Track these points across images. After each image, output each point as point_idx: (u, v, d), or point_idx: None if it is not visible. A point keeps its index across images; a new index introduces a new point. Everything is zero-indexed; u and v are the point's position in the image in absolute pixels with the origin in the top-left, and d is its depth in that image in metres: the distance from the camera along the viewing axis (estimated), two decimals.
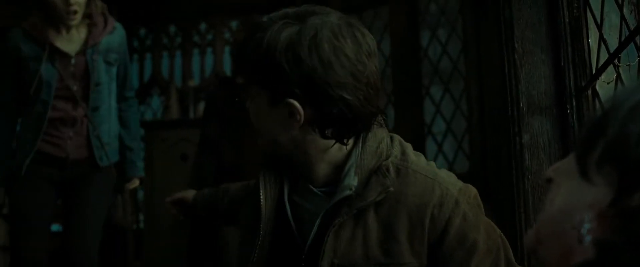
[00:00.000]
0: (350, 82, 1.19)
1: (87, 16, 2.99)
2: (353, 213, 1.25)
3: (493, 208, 2.86)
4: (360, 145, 1.30)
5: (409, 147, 1.35)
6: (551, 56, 2.09)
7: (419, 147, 4.39)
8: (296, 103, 1.21)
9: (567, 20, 2.05)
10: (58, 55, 2.94)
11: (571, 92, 2.04)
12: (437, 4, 4.40)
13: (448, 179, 1.30)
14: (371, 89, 1.23)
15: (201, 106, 5.35)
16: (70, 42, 2.99)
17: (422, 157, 1.35)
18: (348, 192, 1.25)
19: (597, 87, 1.94)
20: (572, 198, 0.74)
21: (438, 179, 1.28)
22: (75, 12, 2.90)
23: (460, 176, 1.36)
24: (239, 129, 3.66)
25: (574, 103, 2.03)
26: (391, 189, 1.25)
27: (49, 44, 2.92)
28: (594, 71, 1.96)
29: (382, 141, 1.31)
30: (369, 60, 1.22)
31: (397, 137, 1.37)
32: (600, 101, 1.91)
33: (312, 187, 1.34)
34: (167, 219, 4.79)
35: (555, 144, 2.07)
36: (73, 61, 2.97)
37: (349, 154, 1.30)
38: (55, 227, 3.99)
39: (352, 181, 1.26)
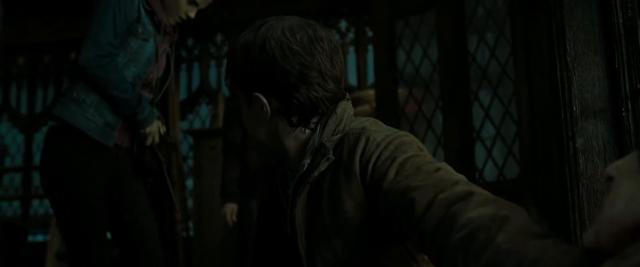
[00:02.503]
0: (297, 72, 1.35)
1: None
2: (307, 188, 1.40)
3: (545, 214, 2.80)
4: (319, 127, 1.43)
5: (373, 123, 1.44)
6: (605, 58, 2.04)
7: (468, 152, 4.35)
8: (261, 96, 1.40)
9: (621, 21, 2.00)
10: (167, 36, 2.82)
11: (626, 94, 1.98)
12: (485, 7, 4.34)
13: (377, 129, 1.38)
14: (325, 77, 1.38)
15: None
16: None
17: (380, 126, 1.43)
18: (302, 170, 1.40)
19: None
20: (634, 200, 0.72)
21: (365, 132, 1.37)
22: (184, 20, 2.83)
23: (510, 182, 1.34)
24: None
25: (630, 106, 1.98)
26: (331, 157, 1.37)
27: (165, 24, 2.77)
28: None
29: (341, 122, 1.42)
30: (319, 53, 1.37)
31: (367, 118, 1.46)
32: None
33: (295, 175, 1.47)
34: (216, 226, 4.84)
35: (610, 148, 2.02)
36: (166, 47, 2.87)
37: (312, 136, 1.44)
38: None
39: (306, 159, 1.40)
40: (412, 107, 4.66)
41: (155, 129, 2.78)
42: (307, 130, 1.44)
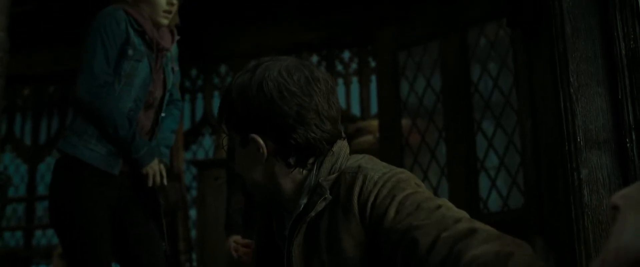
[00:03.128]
0: (295, 113, 1.35)
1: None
2: (304, 228, 1.38)
3: (550, 245, 2.78)
4: (316, 167, 1.42)
5: (369, 160, 1.43)
6: (608, 89, 2.04)
7: (472, 182, 4.34)
8: (258, 137, 1.39)
9: (623, 52, 2.01)
10: (157, 54, 2.73)
11: (630, 125, 1.99)
12: (487, 38, 4.37)
13: (373, 167, 1.37)
14: (322, 118, 1.38)
15: None
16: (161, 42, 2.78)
17: (376, 163, 1.42)
18: (298, 210, 1.39)
19: None
20: (639, 235, 0.72)
21: (361, 170, 1.36)
22: (171, 12, 2.74)
23: (514, 212, 1.34)
24: None
25: (634, 136, 1.98)
26: (328, 196, 1.36)
27: (157, 42, 2.70)
28: None
29: (337, 161, 1.41)
30: (316, 93, 1.38)
31: (362, 156, 1.45)
32: None
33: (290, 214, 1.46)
34: (220, 256, 4.81)
35: (615, 179, 2.01)
36: (159, 64, 2.76)
37: (308, 176, 1.44)
38: None
39: (303, 199, 1.39)
40: (416, 137, 4.66)
41: (155, 169, 2.68)
42: (304, 171, 1.43)
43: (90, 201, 2.60)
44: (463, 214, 1.21)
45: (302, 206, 1.39)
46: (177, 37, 2.87)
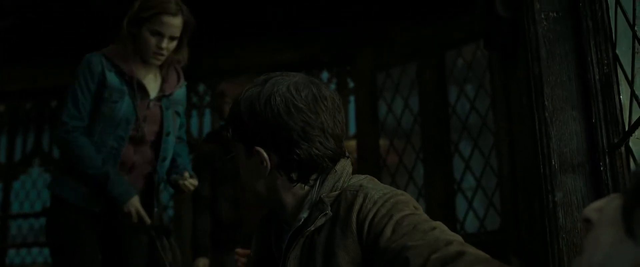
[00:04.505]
0: (300, 128, 1.38)
1: (168, 63, 2.91)
2: (301, 242, 1.39)
3: (527, 266, 2.80)
4: (318, 183, 1.43)
5: (370, 180, 1.44)
6: (582, 113, 2.07)
7: (449, 203, 4.36)
8: (262, 150, 1.41)
9: (597, 77, 2.04)
10: (140, 94, 2.82)
11: (604, 149, 2.01)
12: (464, 60, 4.41)
13: (374, 187, 1.38)
14: (327, 135, 1.41)
15: None
16: (149, 84, 2.88)
17: (377, 184, 1.43)
18: (298, 224, 1.40)
19: (631, 144, 1.91)
20: (613, 254, 0.70)
21: (362, 189, 1.37)
22: (163, 55, 2.81)
23: (491, 233, 1.36)
24: (233, 183, 3.63)
25: (607, 160, 2.00)
26: (329, 213, 1.37)
27: (138, 82, 2.80)
28: (626, 128, 1.94)
29: (339, 179, 1.43)
30: (323, 111, 1.40)
31: (364, 176, 1.47)
32: (634, 158, 1.88)
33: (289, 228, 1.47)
34: None
35: (589, 202, 2.03)
36: (150, 105, 2.85)
37: (310, 191, 1.45)
38: None
39: (303, 213, 1.40)
40: (394, 158, 4.68)
41: (133, 208, 2.73)
42: (306, 187, 1.45)
43: (77, 224, 2.73)
44: (456, 237, 1.23)
45: (302, 220, 1.40)
46: (183, 82, 3.00)
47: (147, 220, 2.74)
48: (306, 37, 5.24)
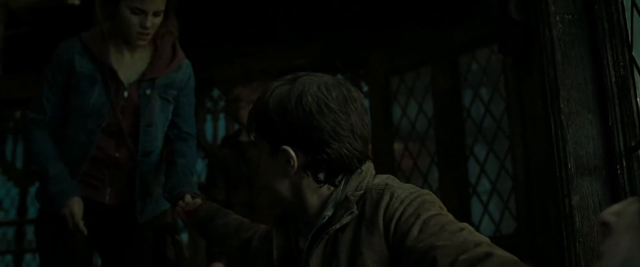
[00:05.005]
0: (331, 128, 1.37)
1: (153, 42, 2.56)
2: (325, 239, 1.38)
3: None
4: (343, 183, 1.43)
5: (394, 179, 1.45)
6: (599, 116, 2.06)
7: (464, 206, 4.35)
8: (290, 149, 1.40)
9: (613, 79, 2.02)
10: (113, 81, 2.49)
11: (621, 152, 1.99)
12: (479, 63, 4.40)
13: (400, 186, 1.39)
14: (356, 136, 1.40)
15: None
16: (130, 69, 2.54)
17: (402, 184, 1.43)
18: (321, 222, 1.40)
19: None
20: (632, 260, 0.69)
21: (388, 188, 1.37)
22: (149, 33, 2.47)
23: (506, 237, 1.35)
24: (248, 187, 3.63)
25: (624, 163, 1.98)
26: (354, 211, 1.36)
27: (108, 66, 2.48)
28: None
29: (364, 179, 1.43)
30: (353, 112, 1.41)
31: (387, 176, 1.47)
32: None
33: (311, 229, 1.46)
34: None
35: (606, 206, 2.01)
36: (126, 93, 2.52)
37: (335, 191, 1.45)
38: None
39: (327, 212, 1.40)
40: (408, 162, 4.67)
41: (67, 210, 2.39)
42: (331, 187, 1.44)
43: (52, 240, 2.51)
44: (484, 239, 1.22)
45: (326, 219, 1.40)
46: (183, 61, 2.64)
47: (83, 229, 2.39)
48: (318, 42, 5.25)
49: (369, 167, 1.46)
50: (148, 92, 2.53)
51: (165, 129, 2.63)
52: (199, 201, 2.44)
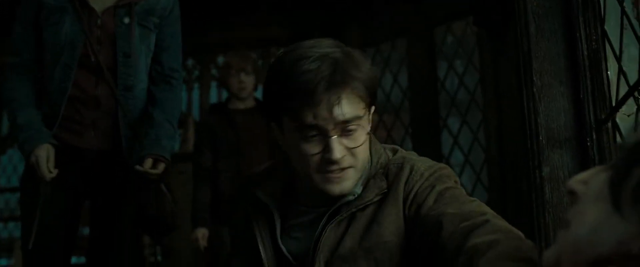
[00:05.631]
0: None
1: None
2: (350, 212, 1.38)
3: None
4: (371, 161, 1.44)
5: (408, 153, 1.49)
6: (570, 89, 2.08)
7: None
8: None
9: (585, 53, 2.04)
10: (84, 9, 2.31)
11: (591, 125, 2.02)
12: (454, 36, 4.41)
13: (418, 159, 1.43)
14: None
15: None
16: None
17: (417, 156, 1.48)
18: (350, 197, 1.38)
19: (617, 120, 1.92)
20: (600, 228, 0.68)
21: (407, 161, 1.41)
22: None
23: None
24: (235, 156, 3.64)
25: (594, 136, 2.01)
26: (386, 190, 1.38)
27: None
28: (613, 104, 1.95)
29: (381, 155, 1.45)
30: None
31: (398, 148, 1.51)
32: (620, 134, 1.90)
33: (311, 209, 1.46)
34: (184, 252, 4.79)
35: None
36: (99, 21, 2.33)
37: None
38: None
39: (357, 189, 1.39)
40: (382, 133, 4.68)
41: (34, 158, 2.23)
42: None
43: (31, 196, 2.33)
44: (490, 211, 1.26)
45: (356, 196, 1.39)
46: None
47: (47, 175, 2.22)
48: (294, 13, 5.23)
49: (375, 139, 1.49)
50: (126, 20, 2.35)
51: (149, 61, 2.45)
52: (159, 169, 2.33)
